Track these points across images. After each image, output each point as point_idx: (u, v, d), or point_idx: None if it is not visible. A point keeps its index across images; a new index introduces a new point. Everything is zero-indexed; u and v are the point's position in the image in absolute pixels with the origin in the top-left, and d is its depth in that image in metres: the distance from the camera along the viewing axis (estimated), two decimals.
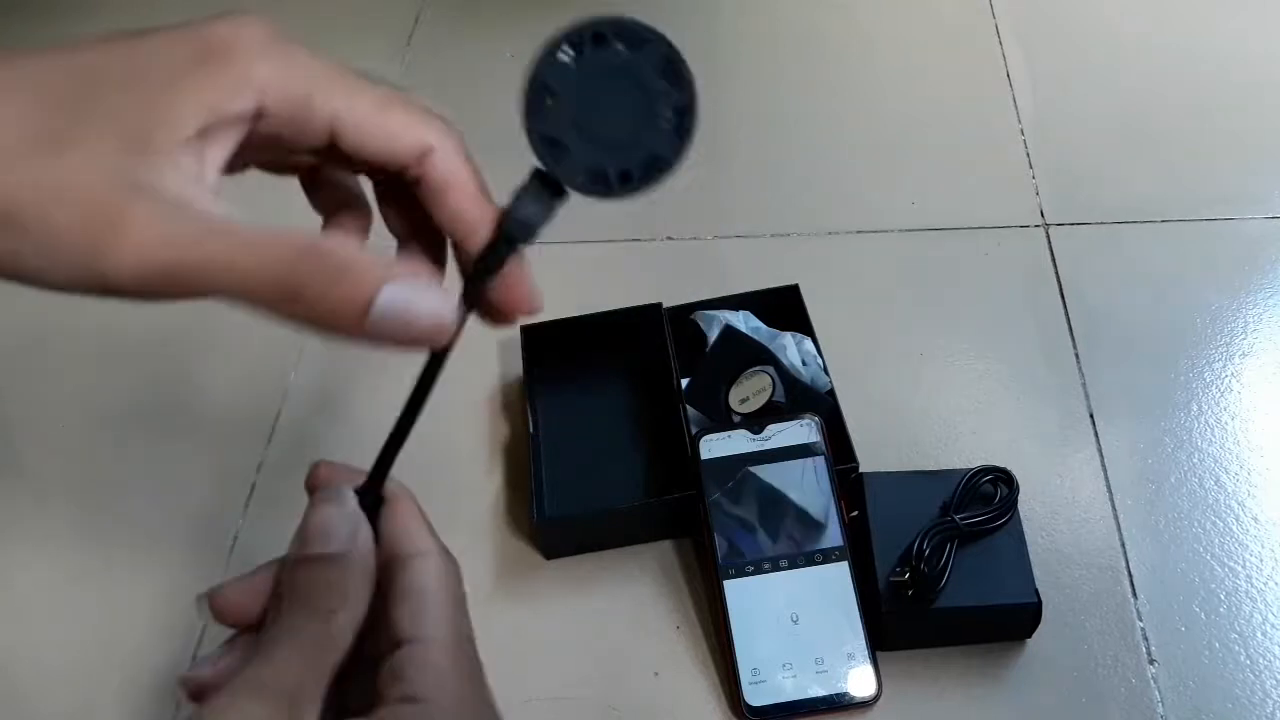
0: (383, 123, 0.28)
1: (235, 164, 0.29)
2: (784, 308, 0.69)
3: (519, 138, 0.32)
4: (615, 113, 0.30)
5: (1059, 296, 0.73)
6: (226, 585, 0.32)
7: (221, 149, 0.27)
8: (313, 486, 0.34)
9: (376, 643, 0.31)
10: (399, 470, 0.34)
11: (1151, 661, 0.56)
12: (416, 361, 0.32)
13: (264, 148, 0.29)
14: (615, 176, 0.31)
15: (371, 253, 0.27)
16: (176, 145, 0.26)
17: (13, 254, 0.25)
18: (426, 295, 0.27)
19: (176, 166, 0.26)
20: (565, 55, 0.30)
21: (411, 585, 0.31)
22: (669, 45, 0.30)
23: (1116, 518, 0.62)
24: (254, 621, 0.31)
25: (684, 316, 0.69)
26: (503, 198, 0.32)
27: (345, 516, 0.31)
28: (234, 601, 0.32)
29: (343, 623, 0.29)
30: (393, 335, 0.27)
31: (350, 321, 0.26)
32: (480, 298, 0.31)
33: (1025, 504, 0.58)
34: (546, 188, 0.31)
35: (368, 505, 0.33)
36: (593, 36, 0.30)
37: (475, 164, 0.31)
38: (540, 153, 0.30)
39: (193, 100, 0.26)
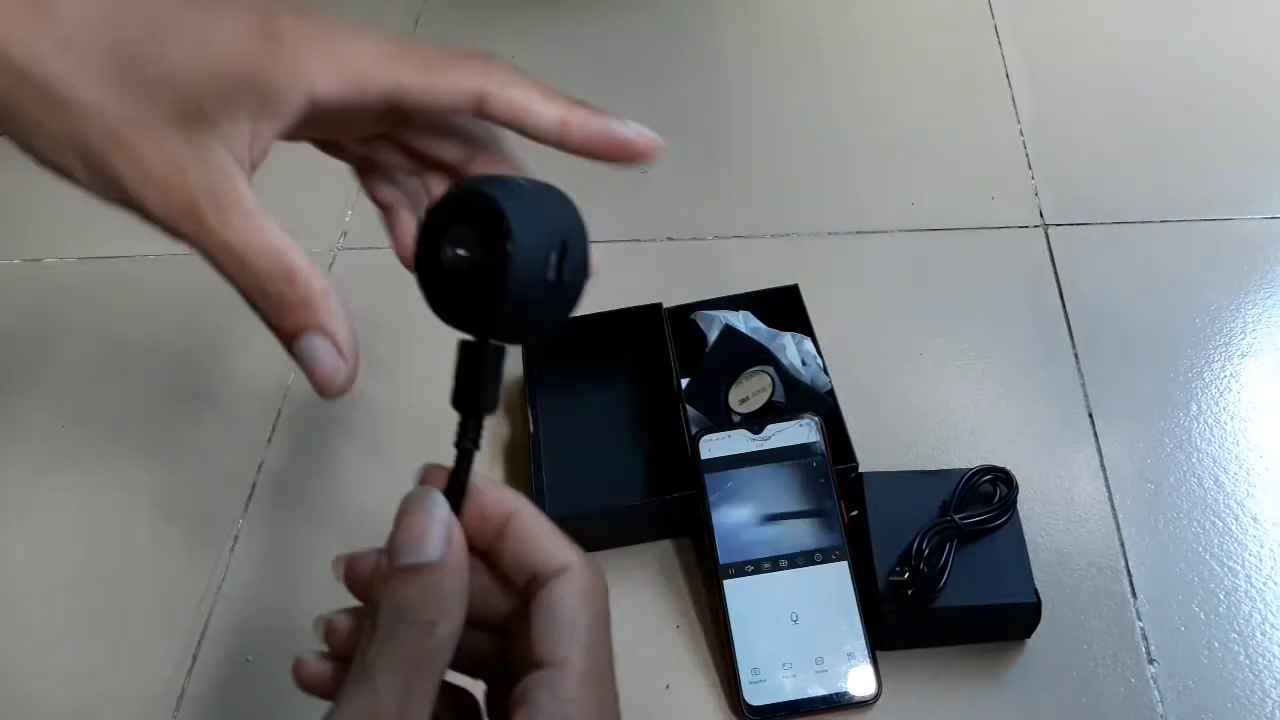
0: (431, 88, 0.30)
1: (289, 138, 0.31)
2: (784, 308, 0.69)
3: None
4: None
5: (1058, 297, 0.73)
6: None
7: (270, 131, 0.29)
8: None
9: (513, 662, 0.30)
10: (400, 467, 0.34)
11: (1151, 661, 0.56)
12: (414, 361, 0.32)
13: (324, 125, 0.32)
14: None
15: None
16: (230, 126, 0.28)
17: (86, 172, 0.28)
18: (333, 360, 0.30)
19: (226, 144, 0.28)
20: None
21: (554, 604, 0.29)
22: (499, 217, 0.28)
23: (1116, 517, 0.62)
24: None
25: (684, 316, 0.69)
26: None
27: (439, 521, 0.30)
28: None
29: (443, 634, 0.28)
30: (303, 369, 0.30)
31: (286, 343, 0.30)
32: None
33: (1025, 504, 0.58)
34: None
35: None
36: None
37: (527, 80, 0.32)
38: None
39: (252, 87, 0.28)
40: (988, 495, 0.58)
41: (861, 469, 0.61)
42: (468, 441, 0.30)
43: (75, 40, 0.27)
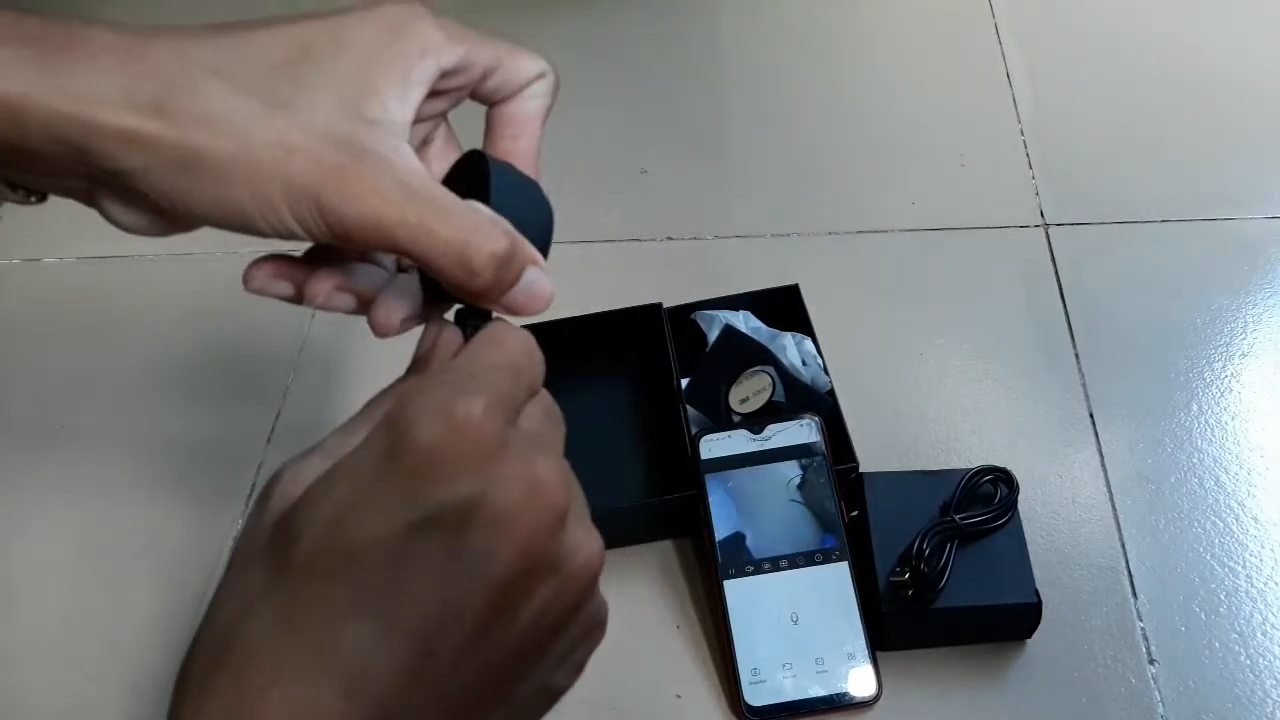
0: (513, 62, 0.35)
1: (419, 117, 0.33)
2: (784, 308, 0.69)
3: None
4: None
5: (1059, 297, 0.73)
6: None
7: (413, 108, 0.31)
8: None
9: None
10: None
11: (1151, 661, 0.56)
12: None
13: (439, 99, 0.34)
14: None
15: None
16: (383, 110, 0.30)
17: (239, 205, 0.28)
18: (546, 280, 0.32)
19: (384, 129, 0.30)
20: None
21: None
22: None
23: (1116, 518, 0.62)
24: None
25: (684, 316, 0.69)
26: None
27: (434, 329, 0.33)
28: None
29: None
30: (518, 309, 0.32)
31: (498, 294, 0.31)
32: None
33: (1025, 504, 0.58)
34: None
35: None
36: None
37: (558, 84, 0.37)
38: None
39: (393, 71, 0.30)
40: (988, 495, 0.58)
41: (862, 469, 0.61)
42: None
43: (228, 68, 0.29)
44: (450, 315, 0.33)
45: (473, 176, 0.33)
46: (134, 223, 0.31)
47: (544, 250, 0.33)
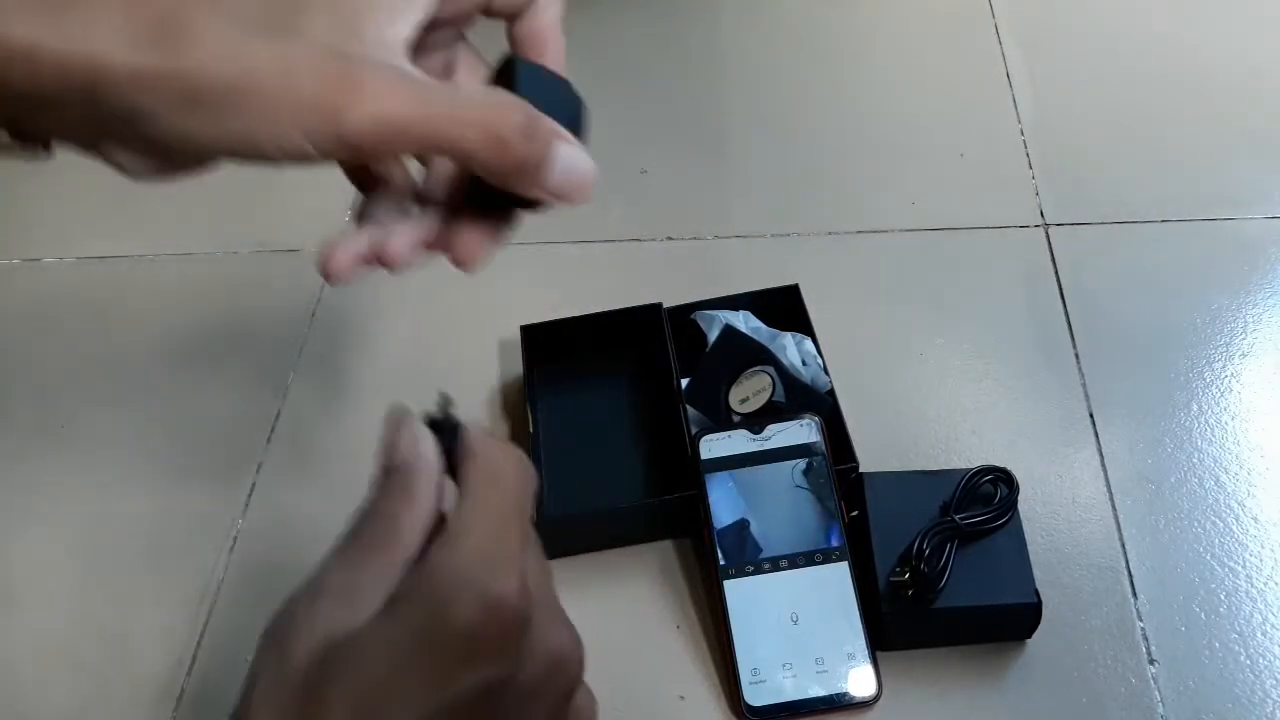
0: None
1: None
2: (784, 308, 0.69)
3: None
4: None
5: (1059, 296, 0.73)
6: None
7: (412, 27, 0.31)
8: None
9: None
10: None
11: (1151, 661, 0.56)
12: (413, 368, 0.32)
13: (447, 27, 0.34)
14: None
15: None
16: (380, 29, 0.30)
17: (249, 133, 0.29)
18: (583, 155, 0.32)
19: (384, 47, 0.30)
20: None
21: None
22: None
23: (1116, 518, 0.62)
24: None
25: (684, 316, 0.69)
26: None
27: (410, 434, 0.33)
28: None
29: (404, 523, 0.31)
30: (562, 190, 0.32)
31: (535, 169, 0.31)
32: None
33: (1025, 504, 0.58)
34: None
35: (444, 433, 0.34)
36: None
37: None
38: None
39: None
40: (988, 495, 0.58)
41: (862, 469, 0.61)
42: None
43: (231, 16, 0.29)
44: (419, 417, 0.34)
45: (502, 76, 0.34)
46: (141, 168, 0.31)
47: (577, 134, 0.33)
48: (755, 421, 0.62)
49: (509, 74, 0.34)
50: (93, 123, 0.29)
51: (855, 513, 0.59)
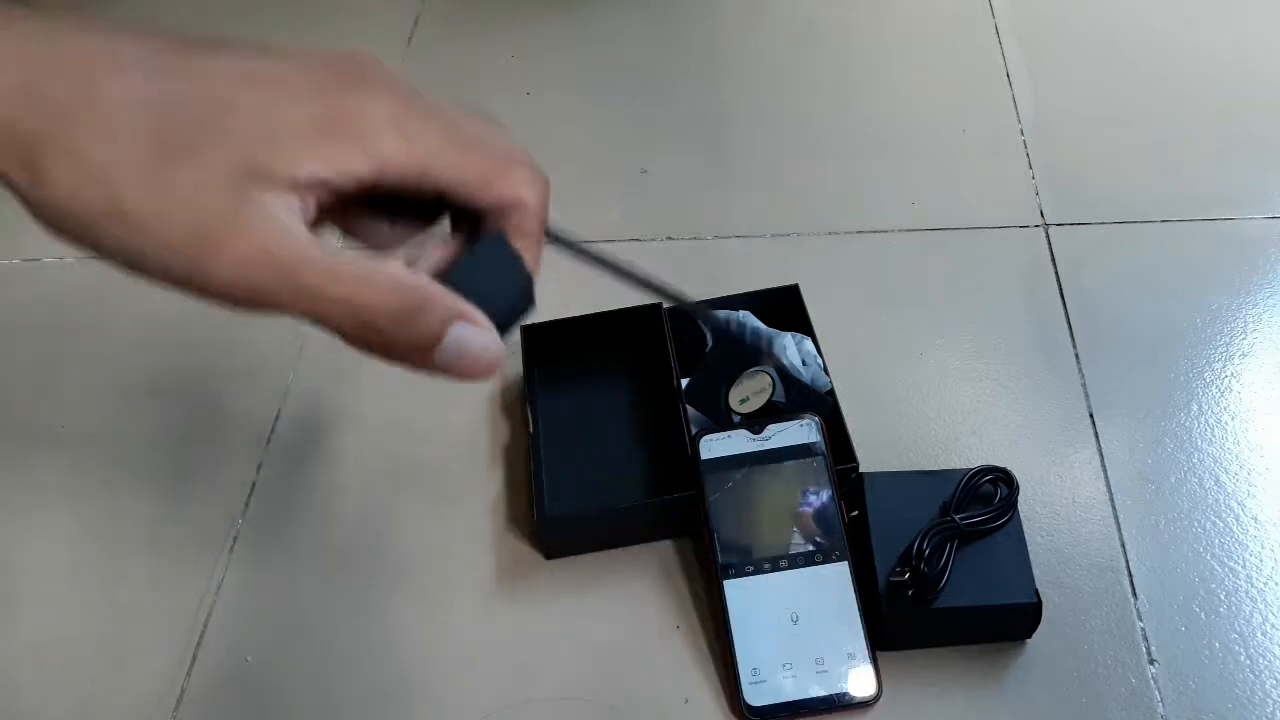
0: (488, 187, 0.31)
1: (330, 212, 0.31)
2: (784, 308, 0.69)
3: (517, 133, 0.32)
4: None
5: (1059, 296, 0.73)
6: None
7: (328, 197, 0.29)
8: None
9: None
10: (397, 465, 0.34)
11: (1151, 661, 0.56)
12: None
13: (365, 199, 0.31)
14: None
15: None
16: (290, 182, 0.28)
17: (135, 249, 0.27)
18: (485, 337, 0.30)
19: (285, 198, 0.28)
20: None
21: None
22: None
23: (1116, 518, 0.62)
24: None
25: (684, 316, 0.69)
26: None
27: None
28: None
29: None
30: (452, 369, 0.30)
31: (417, 350, 0.29)
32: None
33: (1025, 504, 0.58)
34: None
35: None
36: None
37: (547, 207, 0.33)
38: None
39: (316, 157, 0.28)
40: (988, 495, 0.58)
41: (862, 469, 0.61)
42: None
43: (122, 122, 0.27)
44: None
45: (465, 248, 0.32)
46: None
47: (505, 322, 0.32)
48: (755, 421, 0.62)
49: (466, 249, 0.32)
50: None
51: (855, 513, 0.59)
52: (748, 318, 0.68)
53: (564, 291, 0.76)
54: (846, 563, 0.57)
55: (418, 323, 0.29)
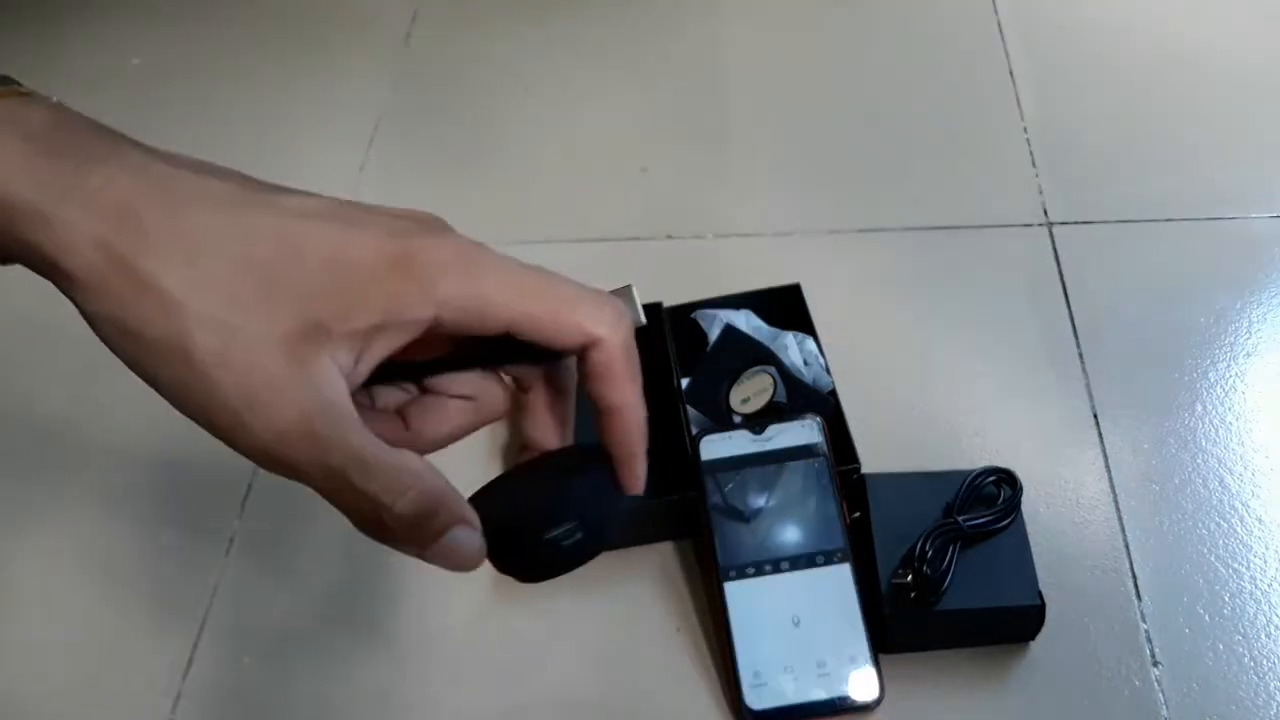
0: (555, 324, 0.31)
1: (394, 365, 0.30)
2: (785, 307, 0.68)
3: (517, 132, 0.32)
4: None
5: (1063, 296, 0.73)
6: None
7: (386, 347, 0.29)
8: None
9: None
10: None
11: (1155, 664, 0.56)
12: None
13: (433, 345, 0.31)
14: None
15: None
16: (347, 338, 0.28)
17: (189, 390, 0.28)
18: (475, 541, 0.30)
19: (337, 358, 0.28)
20: None
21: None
22: None
23: (1120, 519, 0.62)
24: None
25: (684, 316, 0.69)
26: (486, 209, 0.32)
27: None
28: None
29: None
30: (435, 563, 0.30)
31: (417, 549, 0.30)
32: None
33: (1029, 505, 0.58)
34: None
35: None
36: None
37: (634, 350, 0.34)
38: None
39: (375, 303, 0.28)
40: (991, 497, 0.58)
41: (864, 470, 0.60)
42: None
43: (203, 251, 0.27)
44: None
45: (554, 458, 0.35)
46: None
47: (582, 548, 0.33)
48: (756, 422, 0.61)
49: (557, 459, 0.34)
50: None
51: (857, 514, 0.59)
52: (749, 317, 0.68)
53: None
54: (848, 565, 0.57)
55: (425, 527, 0.29)
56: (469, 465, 0.67)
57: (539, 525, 0.32)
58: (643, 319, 0.35)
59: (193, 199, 0.27)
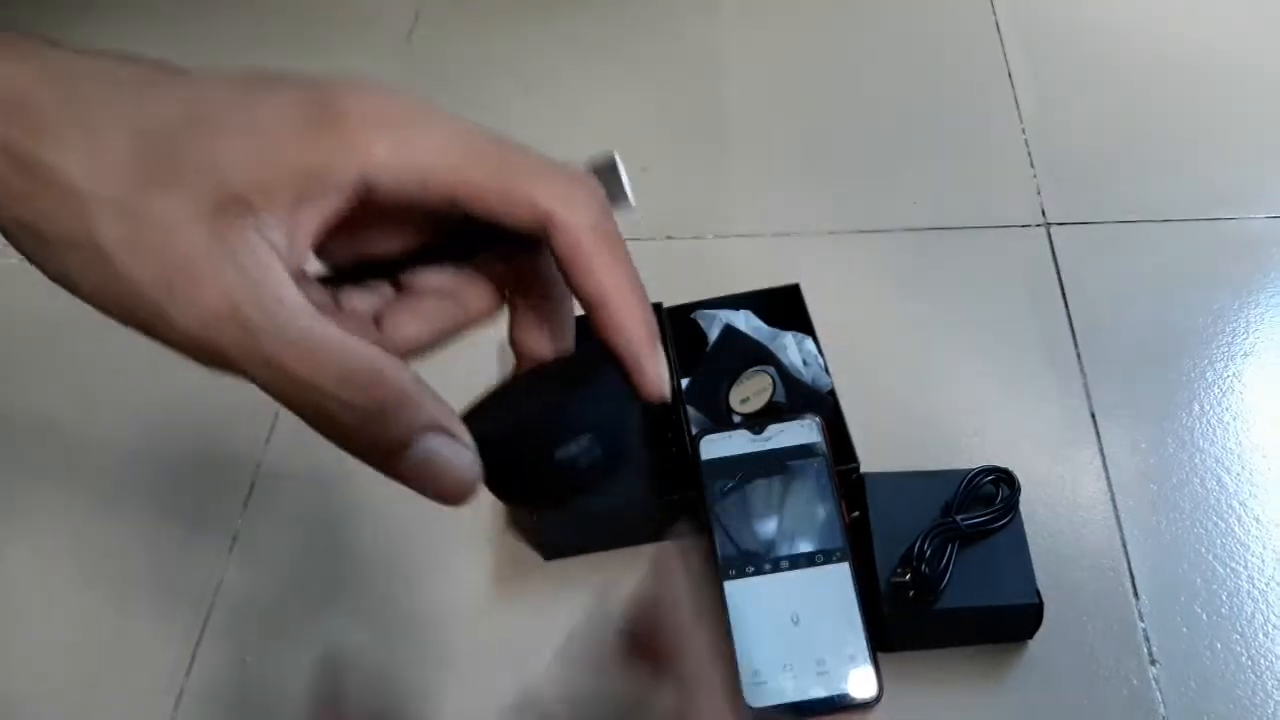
0: (504, 197, 0.27)
1: (338, 243, 0.28)
2: (785, 307, 0.69)
3: (517, 131, 0.32)
4: None
5: (1061, 296, 0.73)
6: None
7: (316, 217, 0.25)
8: None
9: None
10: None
11: (1153, 662, 0.56)
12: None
13: (376, 221, 0.28)
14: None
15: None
16: (269, 213, 0.25)
17: (106, 287, 0.25)
18: (459, 455, 0.26)
19: (264, 236, 0.25)
20: None
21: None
22: None
23: (1118, 518, 0.62)
24: None
25: (684, 316, 0.69)
26: None
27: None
28: None
29: None
30: (413, 483, 0.26)
31: (389, 460, 0.26)
32: None
33: (1027, 504, 0.58)
34: None
35: None
36: None
37: (613, 232, 0.29)
38: None
39: (294, 166, 0.25)
40: (990, 496, 0.58)
41: (863, 470, 0.61)
42: None
43: (102, 134, 0.24)
44: None
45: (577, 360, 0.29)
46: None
47: (598, 470, 0.28)
48: (756, 422, 0.61)
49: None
50: None
51: (856, 513, 0.59)
52: (748, 317, 0.68)
53: None
54: (847, 564, 0.57)
55: (386, 428, 0.25)
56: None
57: (547, 441, 0.27)
58: (630, 198, 0.30)
59: (91, 83, 0.25)
